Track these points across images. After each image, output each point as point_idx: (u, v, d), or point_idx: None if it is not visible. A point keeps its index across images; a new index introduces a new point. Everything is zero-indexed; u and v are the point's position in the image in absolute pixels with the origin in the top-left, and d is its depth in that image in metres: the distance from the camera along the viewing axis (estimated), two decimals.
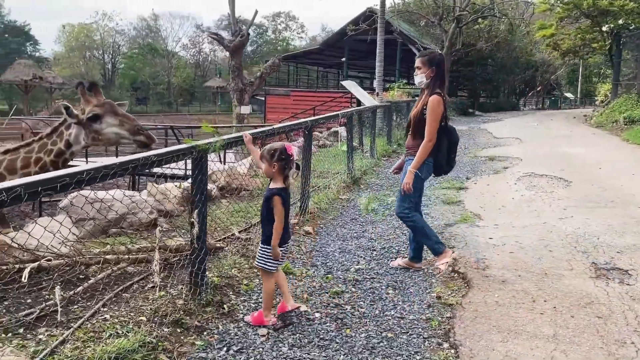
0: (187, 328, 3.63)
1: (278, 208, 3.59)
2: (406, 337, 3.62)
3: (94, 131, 4.36)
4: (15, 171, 4.53)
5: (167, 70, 65.61)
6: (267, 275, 3.77)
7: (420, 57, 4.70)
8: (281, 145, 3.65)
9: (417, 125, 4.63)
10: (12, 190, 2.35)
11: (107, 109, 4.33)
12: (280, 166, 3.60)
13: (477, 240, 5.61)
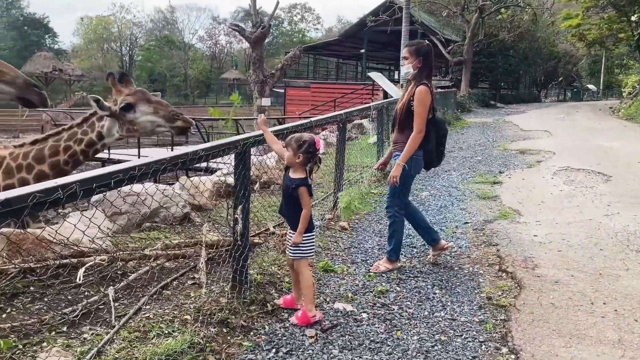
0: (233, 328, 3.52)
1: (306, 198, 3.52)
2: (460, 340, 3.46)
3: (128, 121, 4.23)
4: (43, 159, 4.44)
5: (183, 63, 65.71)
6: (304, 266, 3.68)
7: (407, 47, 4.55)
8: (310, 138, 3.56)
9: (405, 118, 4.46)
10: (67, 187, 2.24)
11: (140, 97, 4.20)
12: (305, 159, 3.52)
13: (521, 238, 5.42)
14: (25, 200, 2.04)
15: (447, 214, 6.54)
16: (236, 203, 3.81)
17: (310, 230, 3.67)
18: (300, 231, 3.57)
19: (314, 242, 3.78)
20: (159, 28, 73.47)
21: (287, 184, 3.62)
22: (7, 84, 3.24)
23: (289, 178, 3.62)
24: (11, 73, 3.25)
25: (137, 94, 4.17)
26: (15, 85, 3.25)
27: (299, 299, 3.79)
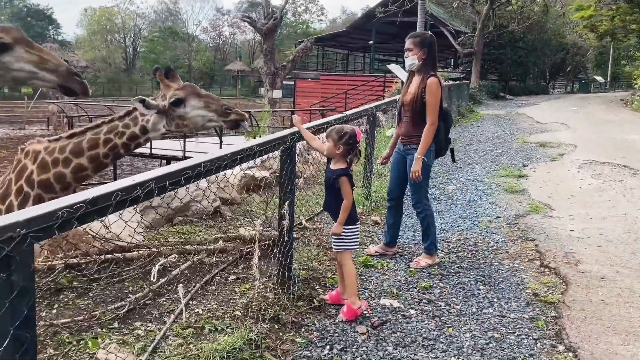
0: (284, 324, 3.50)
1: (347, 188, 3.53)
2: (514, 337, 3.44)
3: (177, 117, 4.17)
4: (82, 152, 4.40)
5: (187, 54, 65.51)
6: (347, 258, 3.67)
7: (411, 38, 4.46)
8: (351, 130, 3.56)
9: (417, 111, 4.40)
10: (145, 185, 2.21)
11: (190, 91, 4.14)
12: (345, 150, 3.53)
13: (557, 233, 5.38)
14: (110, 198, 2.01)
15: (476, 208, 6.50)
16: (283, 198, 3.77)
17: (353, 222, 3.67)
18: (341, 222, 3.56)
19: (358, 234, 3.77)
20: (162, 19, 73.16)
21: (329, 175, 3.64)
22: (50, 72, 3.17)
23: (330, 169, 3.64)
24: (54, 61, 3.18)
25: (186, 88, 4.11)
26: (58, 74, 3.18)
27: (344, 292, 3.78)
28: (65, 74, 3.19)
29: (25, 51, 3.09)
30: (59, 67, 3.19)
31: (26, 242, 1.65)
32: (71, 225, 1.86)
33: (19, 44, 3.07)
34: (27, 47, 3.10)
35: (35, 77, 3.15)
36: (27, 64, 3.09)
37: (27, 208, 1.77)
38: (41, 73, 3.14)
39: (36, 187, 4.53)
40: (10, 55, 3.05)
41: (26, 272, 1.69)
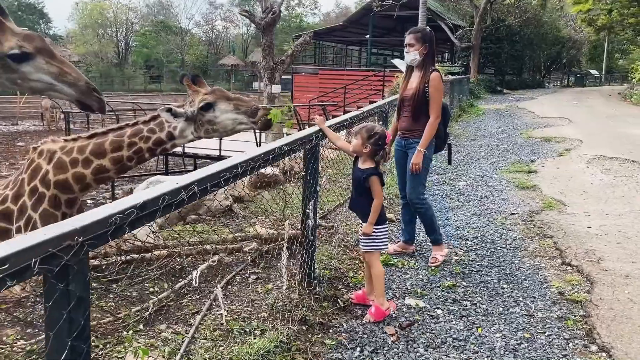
0: (312, 325, 3.46)
1: (377, 187, 3.51)
2: (544, 337, 3.40)
3: (207, 121, 4.06)
4: (104, 154, 4.31)
5: (180, 48, 64.99)
6: (375, 259, 3.65)
7: (412, 33, 4.45)
8: (382, 131, 3.55)
9: (419, 105, 4.41)
10: (188, 187, 2.15)
11: (219, 95, 4.04)
12: (373, 150, 3.52)
13: (575, 229, 5.35)
14: (157, 202, 1.95)
15: (489, 205, 6.47)
16: (308, 197, 3.71)
17: (382, 222, 3.63)
18: (371, 222, 3.53)
19: (387, 234, 3.72)
20: (154, 13, 72.53)
21: (358, 175, 3.60)
22: (69, 85, 3.09)
23: (359, 169, 3.60)
24: (73, 74, 3.10)
25: (215, 92, 4.02)
26: (76, 88, 3.11)
27: (371, 293, 3.74)
28: (84, 88, 3.13)
29: (46, 62, 3.01)
30: (78, 81, 3.12)
31: (83, 251, 1.60)
32: (123, 232, 1.80)
33: (41, 53, 2.99)
34: (48, 57, 3.03)
35: (53, 89, 3.08)
36: (46, 75, 3.02)
37: (77, 215, 1.70)
38: (59, 85, 3.07)
39: (52, 187, 4.45)
40: (30, 65, 2.98)
41: (82, 282, 1.63)
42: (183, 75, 4.08)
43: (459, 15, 36.35)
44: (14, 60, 2.92)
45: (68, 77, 3.07)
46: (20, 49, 2.91)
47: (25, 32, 3.02)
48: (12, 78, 3.01)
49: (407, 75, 4.60)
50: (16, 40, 2.92)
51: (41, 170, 4.54)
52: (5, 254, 1.36)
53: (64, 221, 1.63)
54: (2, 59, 2.92)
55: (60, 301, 1.56)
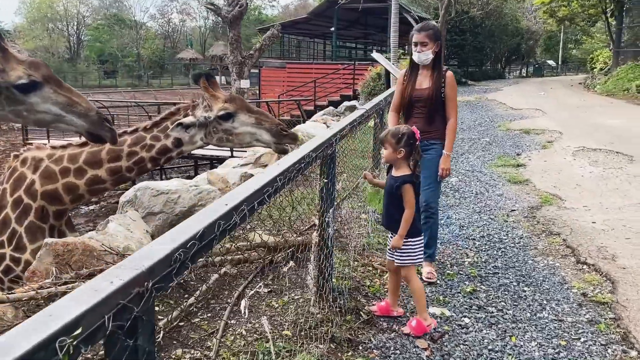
0: (340, 343, 3.24)
1: (409, 196, 3.27)
2: (581, 344, 3.29)
3: (223, 130, 3.74)
4: (99, 164, 3.96)
5: (135, 42, 63.29)
6: (412, 274, 3.40)
7: (423, 31, 4.11)
8: (408, 129, 3.31)
9: (434, 106, 4.14)
10: (239, 209, 1.89)
11: (240, 105, 3.72)
12: (407, 152, 3.28)
13: (580, 225, 5.30)
14: (213, 229, 1.69)
15: (487, 201, 6.38)
16: (327, 205, 3.48)
17: (417, 234, 3.40)
18: (402, 234, 3.27)
19: (422, 246, 3.49)
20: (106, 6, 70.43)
21: (391, 183, 3.36)
22: (78, 116, 2.86)
23: (392, 177, 3.37)
24: (83, 104, 2.87)
25: (236, 102, 3.69)
26: (87, 119, 2.88)
27: (395, 304, 3.57)
28: (95, 119, 2.88)
29: (54, 91, 2.76)
30: (89, 111, 2.88)
31: (151, 297, 1.33)
32: (185, 268, 1.53)
33: (48, 82, 2.74)
34: (56, 86, 2.77)
35: (62, 121, 2.82)
36: (54, 105, 2.77)
37: (136, 253, 1.43)
38: (68, 117, 2.81)
39: (39, 198, 4.07)
40: (38, 95, 2.72)
41: (150, 333, 1.37)
42: (198, 75, 3.73)
43: (423, 8, 36.53)
44: (20, 90, 2.66)
45: (78, 108, 2.84)
46: (28, 77, 2.66)
47: (30, 60, 2.76)
48: (18, 110, 2.74)
49: (411, 74, 4.27)
50: (23, 68, 2.66)
51: (26, 179, 4.14)
52: (76, 314, 1.09)
53: (123, 263, 1.36)
54: (7, 89, 2.65)
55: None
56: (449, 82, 4.14)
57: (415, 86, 4.22)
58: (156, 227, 5.38)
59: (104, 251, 3.97)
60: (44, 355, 1.00)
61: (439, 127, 4.18)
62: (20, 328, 1.03)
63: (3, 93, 2.65)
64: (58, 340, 1.03)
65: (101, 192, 4.25)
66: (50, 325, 1.04)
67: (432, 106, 4.15)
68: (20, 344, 0.98)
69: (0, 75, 2.61)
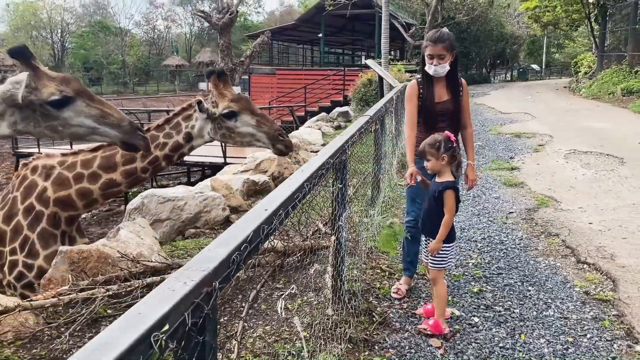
0: (356, 343, 3.34)
1: (451, 202, 3.34)
2: (587, 340, 3.42)
3: (226, 127, 3.88)
4: (114, 167, 4.03)
5: (120, 49, 63.02)
6: (441, 277, 3.51)
7: (440, 42, 3.74)
8: (443, 136, 3.38)
9: (456, 116, 3.95)
10: (277, 213, 1.99)
11: (244, 106, 3.86)
12: (450, 157, 3.35)
13: (577, 226, 5.45)
14: (259, 233, 1.79)
15: (484, 204, 6.52)
16: (340, 210, 3.58)
17: (453, 239, 3.51)
18: (440, 238, 3.39)
19: (455, 252, 3.62)
20: (90, 13, 70.09)
21: (434, 189, 3.42)
22: (112, 127, 2.93)
23: (436, 183, 3.44)
24: (116, 115, 2.94)
25: (241, 102, 3.83)
26: (120, 129, 2.94)
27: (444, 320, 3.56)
28: (128, 128, 2.95)
29: (86, 104, 2.85)
30: (122, 121, 2.95)
31: (217, 296, 1.43)
32: (239, 269, 1.63)
33: (80, 96, 2.83)
34: (88, 99, 2.86)
35: (96, 132, 2.91)
36: (87, 118, 2.86)
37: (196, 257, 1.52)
38: (102, 128, 2.90)
39: (52, 204, 4.13)
40: (71, 109, 2.81)
41: (214, 330, 1.46)
42: (210, 72, 3.87)
43: (409, 14, 36.91)
44: (54, 106, 2.75)
45: (111, 119, 2.91)
46: (60, 93, 2.75)
47: (61, 76, 2.85)
48: (53, 126, 2.82)
49: (427, 88, 3.94)
50: (54, 85, 2.75)
51: (37, 187, 4.20)
52: (162, 312, 1.18)
53: (189, 265, 1.45)
54: (41, 106, 2.73)
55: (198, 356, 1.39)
56: (465, 91, 4.03)
57: (434, 99, 3.94)
58: (163, 233, 5.45)
59: (120, 257, 4.03)
60: (142, 349, 1.09)
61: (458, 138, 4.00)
62: (117, 325, 1.13)
63: (38, 110, 2.73)
64: (152, 335, 1.12)
65: (115, 195, 4.32)
66: (144, 322, 1.13)
67: (456, 119, 3.97)
68: (121, 340, 1.07)
69: (34, 93, 2.69)
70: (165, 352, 1.18)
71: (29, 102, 2.73)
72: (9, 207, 4.21)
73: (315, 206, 5.90)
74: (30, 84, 2.71)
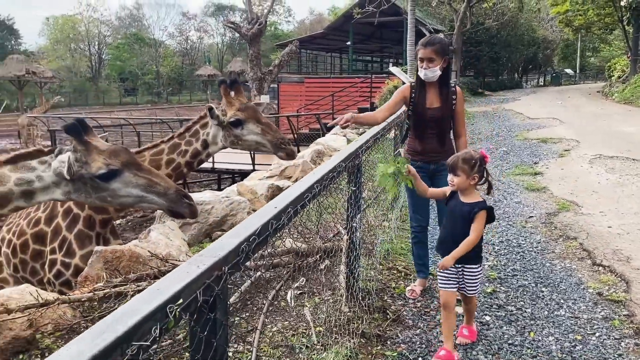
0: (369, 338, 3.51)
1: (481, 224, 3.16)
2: (596, 338, 3.51)
3: (234, 135, 4.18)
4: None
5: (154, 60, 64.57)
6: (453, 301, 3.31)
7: (429, 46, 3.81)
8: (479, 154, 3.17)
9: (446, 124, 4.00)
10: (286, 211, 2.20)
11: (250, 115, 4.13)
12: (480, 177, 3.16)
13: (596, 230, 5.50)
14: (268, 227, 2.00)
15: (505, 208, 6.60)
16: (354, 212, 3.77)
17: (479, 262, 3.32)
18: (455, 256, 3.13)
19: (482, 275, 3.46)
20: (126, 25, 72.05)
21: (465, 209, 3.17)
22: (159, 195, 2.99)
23: (462, 203, 3.21)
24: (162, 184, 3.02)
25: (248, 111, 4.09)
26: (167, 197, 3.00)
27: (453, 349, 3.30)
28: (173, 197, 3.01)
29: (134, 175, 2.94)
30: (168, 190, 3.01)
31: (226, 280, 1.64)
32: (248, 258, 1.84)
33: (128, 168, 2.93)
34: (136, 170, 2.96)
35: (144, 201, 3.01)
36: (135, 188, 2.95)
37: (211, 245, 1.74)
38: (149, 197, 2.99)
39: (87, 208, 4.43)
40: (119, 181, 2.91)
41: (225, 309, 1.67)
42: (221, 81, 4.17)
43: (438, 20, 36.91)
44: (102, 179, 2.86)
45: (157, 188, 2.99)
46: (107, 167, 2.85)
47: (110, 149, 2.94)
48: (103, 196, 2.94)
49: (419, 92, 4.00)
50: (102, 159, 2.86)
51: None
52: (177, 289, 1.40)
53: (203, 252, 1.67)
54: (91, 179, 2.86)
55: (210, 331, 1.60)
56: (459, 99, 4.02)
57: (426, 105, 3.99)
58: (192, 235, 5.72)
59: (150, 257, 4.31)
60: (159, 317, 1.31)
61: (449, 145, 4.08)
62: (139, 298, 1.35)
63: (88, 183, 2.88)
64: (168, 306, 1.34)
65: None
66: (161, 296, 1.35)
67: (443, 125, 4.01)
68: (142, 308, 1.29)
69: (84, 167, 2.84)
70: (179, 322, 1.40)
71: (80, 176, 2.86)
72: (50, 210, 4.54)
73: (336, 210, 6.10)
74: (81, 159, 2.84)
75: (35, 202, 2.98)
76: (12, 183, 2.86)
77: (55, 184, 2.89)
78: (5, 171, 2.88)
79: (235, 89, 4.18)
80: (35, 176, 2.87)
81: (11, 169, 2.88)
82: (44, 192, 2.92)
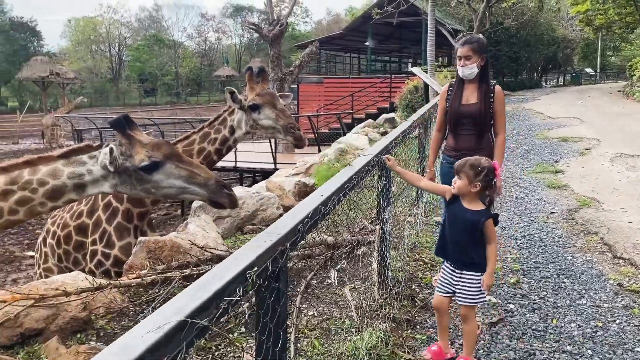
0: (399, 323, 3.72)
1: (493, 232, 3.05)
2: (616, 325, 3.68)
3: (252, 119, 4.43)
4: None
5: (173, 61, 65.30)
6: (474, 313, 3.24)
7: (467, 44, 3.94)
8: (490, 164, 3.05)
9: (483, 122, 4.03)
10: (331, 198, 2.43)
11: (267, 100, 4.36)
12: (483, 187, 3.03)
13: (617, 225, 5.64)
14: (317, 212, 2.23)
15: (527, 205, 6.75)
16: (384, 205, 3.97)
17: (484, 269, 3.08)
18: (491, 272, 3.04)
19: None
20: (146, 27, 72.97)
21: (469, 218, 3.03)
22: (200, 186, 3.10)
23: (466, 210, 3.06)
24: (203, 175, 3.12)
25: (265, 97, 4.33)
26: (207, 188, 3.10)
27: (447, 346, 3.31)
28: (214, 187, 3.11)
29: (176, 166, 3.06)
30: (208, 180, 3.11)
31: (287, 255, 1.88)
32: (303, 238, 2.08)
33: (169, 159, 3.05)
34: (177, 162, 3.07)
35: (186, 192, 3.13)
36: (177, 179, 3.07)
37: (271, 226, 1.97)
38: (191, 187, 3.10)
39: (125, 201, 4.71)
40: (161, 172, 3.03)
41: (286, 280, 1.91)
42: (248, 68, 4.43)
43: (457, 20, 36.84)
44: (145, 171, 3.00)
45: (198, 179, 3.09)
46: (150, 159, 2.99)
47: (153, 141, 3.07)
48: (147, 188, 3.08)
49: (457, 90, 4.13)
50: (145, 151, 3.00)
51: None
52: (252, 258, 1.64)
53: (267, 231, 1.91)
54: (135, 172, 3.01)
55: (275, 298, 1.84)
56: (498, 97, 4.03)
57: (462, 101, 4.07)
58: (224, 229, 5.98)
59: (190, 246, 4.58)
60: (241, 280, 1.55)
61: (487, 144, 4.08)
62: (222, 265, 1.60)
63: (133, 175, 3.04)
64: (247, 272, 1.58)
65: None
66: (240, 263, 1.60)
67: (481, 123, 4.03)
68: (225, 274, 1.53)
69: (129, 160, 3.01)
70: (255, 286, 1.64)
71: (125, 168, 3.03)
72: (92, 203, 4.83)
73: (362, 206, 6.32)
74: (125, 152, 3.01)
75: (86, 194, 3.17)
76: (65, 176, 3.05)
77: (103, 177, 3.07)
78: (59, 165, 3.08)
79: (262, 77, 4.42)
80: (86, 170, 3.06)
81: (64, 163, 3.07)
82: (93, 184, 3.11)
